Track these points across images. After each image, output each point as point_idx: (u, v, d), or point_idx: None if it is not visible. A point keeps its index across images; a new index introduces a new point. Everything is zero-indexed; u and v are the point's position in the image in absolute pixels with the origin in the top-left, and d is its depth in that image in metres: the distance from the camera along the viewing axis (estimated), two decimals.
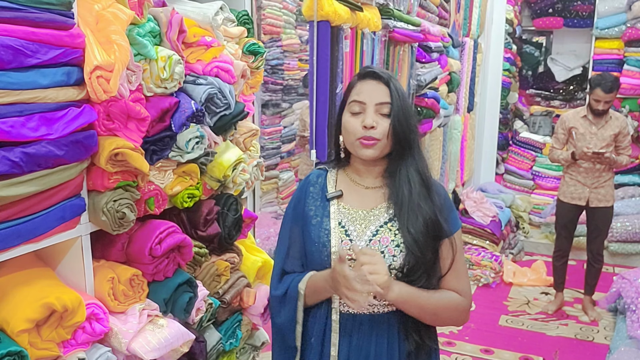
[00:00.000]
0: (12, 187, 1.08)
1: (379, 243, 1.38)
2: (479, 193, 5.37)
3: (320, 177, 1.51)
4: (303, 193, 1.50)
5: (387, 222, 1.40)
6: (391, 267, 1.36)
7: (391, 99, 1.37)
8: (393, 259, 1.37)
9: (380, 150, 1.38)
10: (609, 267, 4.96)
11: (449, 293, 1.41)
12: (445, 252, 1.42)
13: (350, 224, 1.42)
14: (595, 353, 3.55)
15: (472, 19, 5.19)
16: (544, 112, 6.63)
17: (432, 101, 3.82)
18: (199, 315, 1.58)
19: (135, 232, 1.44)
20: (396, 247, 1.37)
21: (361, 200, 1.45)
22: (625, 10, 5.75)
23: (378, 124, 1.36)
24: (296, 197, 1.52)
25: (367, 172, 1.46)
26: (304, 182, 1.53)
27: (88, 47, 1.18)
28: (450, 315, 1.42)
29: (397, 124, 1.36)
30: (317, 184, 1.50)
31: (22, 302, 1.17)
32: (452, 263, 1.41)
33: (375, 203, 1.44)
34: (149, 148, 1.38)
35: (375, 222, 1.41)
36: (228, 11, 1.70)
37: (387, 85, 1.38)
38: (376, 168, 1.45)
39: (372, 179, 1.46)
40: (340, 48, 2.47)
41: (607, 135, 3.80)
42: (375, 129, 1.36)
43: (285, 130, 3.94)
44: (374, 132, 1.36)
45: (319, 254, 1.41)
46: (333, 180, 1.49)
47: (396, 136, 1.37)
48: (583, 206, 3.93)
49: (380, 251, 1.36)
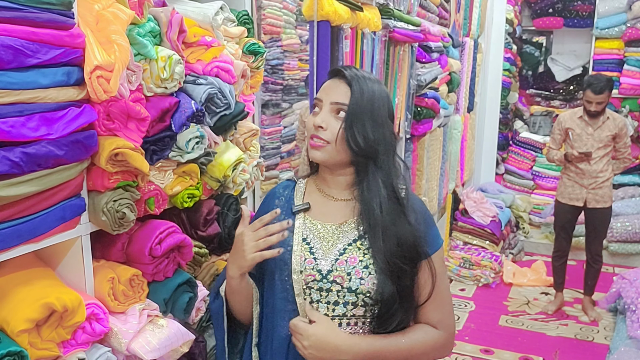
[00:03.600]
0: (12, 187, 1.08)
1: (345, 263, 1.23)
2: (479, 193, 5.37)
3: (287, 188, 1.38)
4: (267, 205, 1.37)
5: (356, 239, 1.25)
6: (357, 292, 1.22)
7: (350, 99, 1.23)
8: (360, 282, 1.21)
9: (329, 154, 1.24)
10: (608, 267, 4.96)
11: (421, 331, 1.27)
12: (424, 277, 1.26)
13: (316, 240, 1.27)
14: (595, 353, 3.55)
15: (472, 19, 5.19)
16: (544, 112, 6.62)
17: (432, 101, 3.82)
18: (199, 316, 1.58)
19: (135, 232, 1.44)
20: (364, 269, 1.22)
21: (330, 213, 1.30)
22: (625, 10, 5.75)
23: (329, 125, 1.23)
24: (260, 211, 1.38)
25: (334, 182, 1.32)
26: (269, 195, 1.41)
27: (88, 47, 1.18)
28: (425, 358, 1.29)
29: (349, 128, 1.21)
30: (283, 197, 1.36)
31: (22, 302, 1.17)
32: (432, 290, 1.26)
33: (344, 218, 1.29)
34: (149, 148, 1.38)
35: (344, 239, 1.26)
36: (228, 11, 1.70)
37: (349, 86, 1.24)
38: (343, 177, 1.30)
39: (340, 190, 1.32)
40: (340, 48, 2.47)
41: (604, 136, 3.81)
42: (324, 129, 1.23)
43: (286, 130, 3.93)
44: (322, 133, 1.23)
45: (280, 272, 1.27)
46: (301, 192, 1.35)
47: (351, 143, 1.22)
48: (581, 207, 3.94)
49: (347, 272, 1.22)
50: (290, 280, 1.25)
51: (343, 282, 1.23)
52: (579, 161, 3.81)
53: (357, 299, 1.23)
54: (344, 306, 1.24)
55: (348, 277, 1.23)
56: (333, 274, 1.24)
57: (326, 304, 1.25)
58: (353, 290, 1.23)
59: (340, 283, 1.23)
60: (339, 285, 1.23)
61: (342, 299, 1.24)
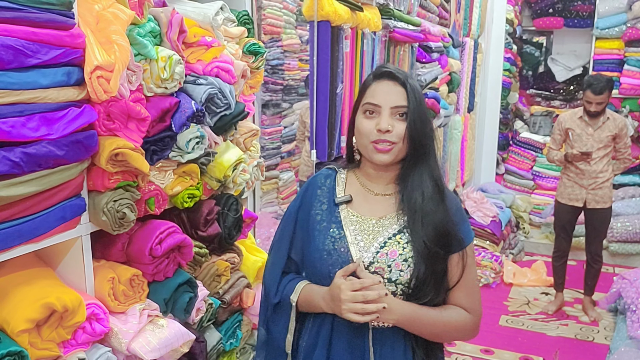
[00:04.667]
0: (12, 187, 1.08)
1: (386, 256, 1.30)
2: (479, 193, 5.37)
3: (329, 178, 1.42)
4: (309, 195, 1.41)
5: (396, 233, 1.32)
6: (397, 282, 1.29)
7: (408, 101, 1.29)
8: (400, 274, 1.29)
9: (395, 155, 1.31)
10: (609, 268, 4.96)
11: (455, 311, 1.34)
12: (455, 265, 1.34)
13: (357, 232, 1.33)
14: (595, 353, 3.55)
15: (473, 19, 5.19)
16: (544, 112, 6.62)
17: (432, 101, 3.82)
18: (199, 316, 1.58)
19: (135, 232, 1.44)
20: (404, 262, 1.29)
21: (370, 207, 1.36)
22: (625, 10, 5.75)
23: (394, 127, 1.29)
24: (301, 198, 1.43)
25: (378, 178, 1.38)
26: (310, 182, 1.44)
27: (88, 47, 1.18)
28: (456, 334, 1.36)
29: (413, 127, 1.29)
30: (325, 186, 1.41)
31: (22, 302, 1.17)
32: (462, 277, 1.34)
33: (385, 212, 1.35)
34: (149, 148, 1.38)
35: (384, 232, 1.32)
36: (228, 11, 1.70)
37: (403, 87, 1.30)
38: (388, 174, 1.37)
39: (383, 186, 1.38)
40: (340, 48, 2.47)
41: (604, 136, 3.80)
42: (390, 132, 1.28)
43: (286, 131, 3.93)
44: (389, 136, 1.28)
45: (323, 263, 1.32)
46: (342, 183, 1.41)
47: (412, 141, 1.30)
48: (581, 207, 3.94)
49: (387, 265, 1.29)
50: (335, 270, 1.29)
51: (384, 273, 1.29)
52: (579, 161, 3.81)
53: (397, 289, 1.30)
54: None
55: (389, 269, 1.29)
56: (374, 265, 1.30)
57: None
58: (393, 280, 1.29)
59: (381, 274, 1.29)
60: (380, 277, 1.28)
61: None
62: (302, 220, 1.39)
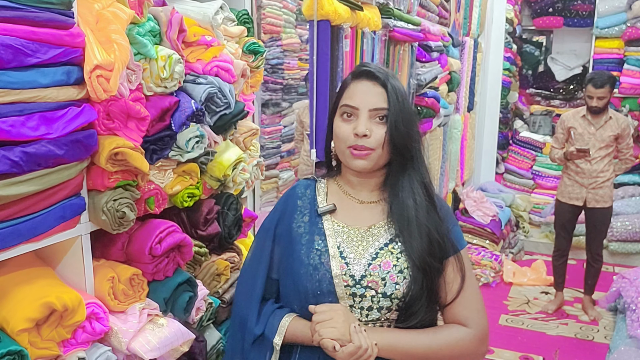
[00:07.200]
0: (12, 187, 1.08)
1: (379, 268, 1.20)
2: (479, 192, 5.37)
3: (309, 188, 1.33)
4: (290, 206, 1.31)
5: (388, 243, 1.23)
6: (392, 297, 1.19)
7: (388, 103, 1.19)
8: (395, 287, 1.19)
9: (374, 161, 1.21)
10: (609, 267, 4.97)
11: (448, 329, 1.23)
12: (452, 274, 1.23)
13: (345, 244, 1.23)
14: (595, 352, 3.56)
15: (472, 18, 5.19)
16: (544, 111, 6.63)
17: (432, 100, 3.82)
18: (199, 315, 1.58)
19: (135, 232, 1.44)
20: (399, 274, 1.19)
21: (357, 216, 1.26)
22: (625, 10, 5.75)
23: (372, 132, 1.19)
24: (280, 211, 1.32)
25: (361, 185, 1.28)
26: (289, 194, 1.34)
27: (88, 46, 1.18)
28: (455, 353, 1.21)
29: (394, 131, 1.19)
30: (306, 197, 1.31)
31: (22, 301, 1.17)
32: (461, 288, 1.23)
33: (373, 220, 1.26)
34: (149, 147, 1.38)
35: (375, 243, 1.23)
36: (228, 10, 1.70)
37: (384, 87, 1.20)
38: (372, 180, 1.28)
39: (367, 193, 1.28)
40: (340, 47, 2.47)
41: (606, 136, 3.80)
42: (368, 137, 1.19)
43: (286, 130, 3.93)
44: (367, 141, 1.19)
45: (309, 279, 1.21)
46: (324, 192, 1.31)
47: (394, 145, 1.20)
48: (581, 206, 3.93)
49: (381, 277, 1.19)
50: (322, 286, 1.21)
51: (377, 287, 1.20)
52: (577, 158, 3.80)
53: (392, 304, 1.20)
54: (378, 311, 1.22)
55: (383, 282, 1.19)
56: (367, 279, 1.20)
57: (359, 310, 1.22)
58: (388, 295, 1.20)
59: (375, 288, 1.20)
60: (373, 291, 1.20)
61: (376, 304, 1.21)
62: (282, 235, 1.29)
